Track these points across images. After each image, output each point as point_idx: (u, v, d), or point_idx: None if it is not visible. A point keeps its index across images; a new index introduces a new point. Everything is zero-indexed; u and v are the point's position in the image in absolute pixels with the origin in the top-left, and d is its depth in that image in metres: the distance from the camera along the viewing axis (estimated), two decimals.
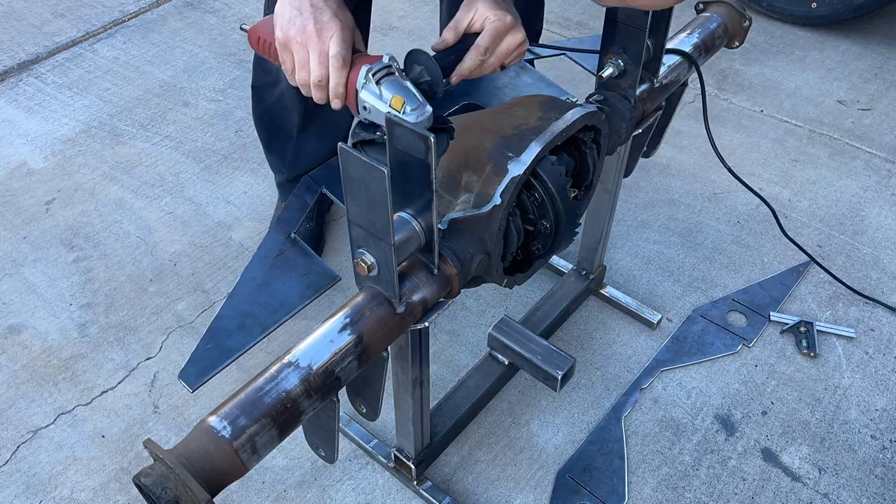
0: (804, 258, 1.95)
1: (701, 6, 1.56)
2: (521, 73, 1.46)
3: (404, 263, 1.04)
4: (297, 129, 1.74)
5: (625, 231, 2.04)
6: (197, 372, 1.02)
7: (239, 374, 1.68)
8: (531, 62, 1.76)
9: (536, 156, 1.09)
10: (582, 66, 1.51)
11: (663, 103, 1.47)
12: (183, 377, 1.02)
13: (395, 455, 1.47)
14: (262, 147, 1.88)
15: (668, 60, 1.40)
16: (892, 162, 2.27)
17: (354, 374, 0.99)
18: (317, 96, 1.03)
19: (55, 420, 1.61)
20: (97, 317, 1.82)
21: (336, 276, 1.10)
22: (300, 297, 1.05)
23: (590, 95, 1.33)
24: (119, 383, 1.68)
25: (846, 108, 2.48)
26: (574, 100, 1.36)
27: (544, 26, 2.87)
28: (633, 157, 1.58)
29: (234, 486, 1.20)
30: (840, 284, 1.87)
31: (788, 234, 1.78)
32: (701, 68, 1.43)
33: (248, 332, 1.00)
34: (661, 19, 1.24)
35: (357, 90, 0.99)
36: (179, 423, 1.61)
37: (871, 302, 1.84)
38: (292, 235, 1.10)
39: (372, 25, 2.85)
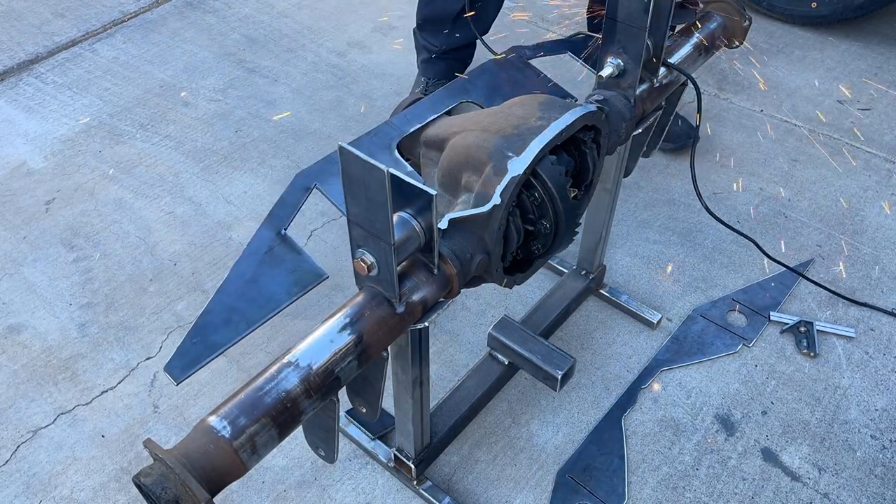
0: (804, 258, 1.95)
1: (701, 5, 1.55)
2: (522, 70, 1.46)
3: (404, 263, 1.04)
4: (453, 17, 2.15)
5: (625, 231, 2.04)
6: (182, 365, 1.01)
7: (239, 374, 1.68)
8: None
9: (536, 155, 1.09)
10: (583, 64, 1.51)
11: (663, 103, 1.47)
12: (168, 370, 1.02)
13: (395, 455, 1.47)
14: (415, 25, 2.27)
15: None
16: (891, 162, 2.27)
17: (354, 374, 0.99)
18: None
19: (55, 420, 1.61)
20: (97, 316, 1.82)
21: (323, 274, 1.09)
22: (287, 294, 1.04)
23: (590, 95, 1.33)
24: (119, 383, 1.68)
25: (846, 108, 2.48)
26: (574, 99, 1.36)
27: (546, 27, 2.87)
28: (632, 156, 1.58)
29: (234, 485, 1.20)
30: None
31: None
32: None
33: (234, 328, 0.99)
34: (661, 19, 1.24)
35: None
36: (179, 423, 1.61)
37: (869, 301, 1.84)
38: (283, 232, 1.10)
39: (371, 25, 2.87)
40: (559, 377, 1.40)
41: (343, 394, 1.06)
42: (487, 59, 1.45)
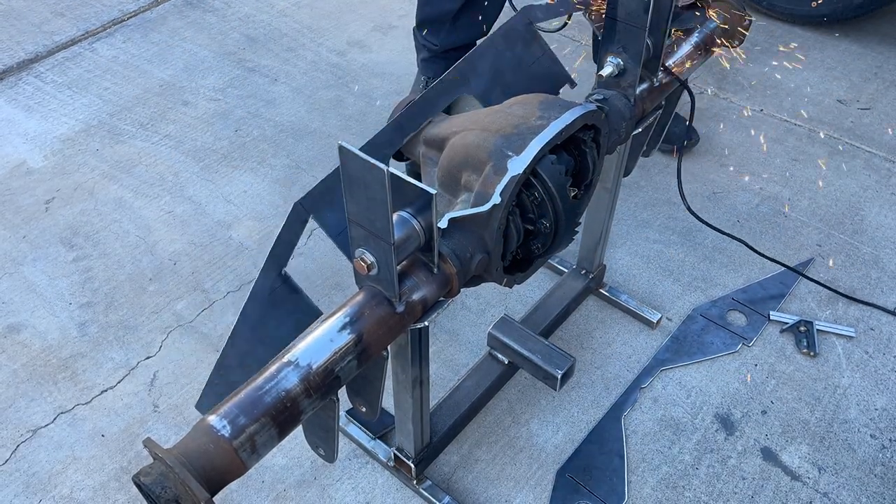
0: (804, 257, 1.95)
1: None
2: (529, 45, 1.40)
3: (404, 262, 1.04)
4: (452, 16, 2.14)
5: (625, 230, 2.04)
6: (210, 404, 1.08)
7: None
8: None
9: (536, 155, 1.09)
10: (588, 20, 1.46)
11: (663, 102, 1.47)
12: (199, 408, 1.11)
13: (394, 454, 1.47)
14: (416, 23, 2.23)
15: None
16: (891, 161, 2.27)
17: (354, 374, 0.99)
18: None
19: (55, 419, 1.61)
20: (97, 316, 1.82)
21: (319, 312, 1.14)
22: (291, 337, 1.07)
23: (589, 94, 1.33)
24: (119, 382, 1.68)
25: (846, 108, 2.48)
26: (575, 80, 1.34)
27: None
28: (632, 156, 1.58)
29: (233, 484, 1.20)
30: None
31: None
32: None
33: (248, 371, 1.03)
34: (661, 18, 1.24)
35: None
36: (179, 422, 1.61)
37: (867, 302, 1.84)
38: (283, 272, 1.12)
39: (371, 24, 2.87)
40: (559, 376, 1.40)
41: (343, 393, 1.06)
42: (493, 33, 1.38)
